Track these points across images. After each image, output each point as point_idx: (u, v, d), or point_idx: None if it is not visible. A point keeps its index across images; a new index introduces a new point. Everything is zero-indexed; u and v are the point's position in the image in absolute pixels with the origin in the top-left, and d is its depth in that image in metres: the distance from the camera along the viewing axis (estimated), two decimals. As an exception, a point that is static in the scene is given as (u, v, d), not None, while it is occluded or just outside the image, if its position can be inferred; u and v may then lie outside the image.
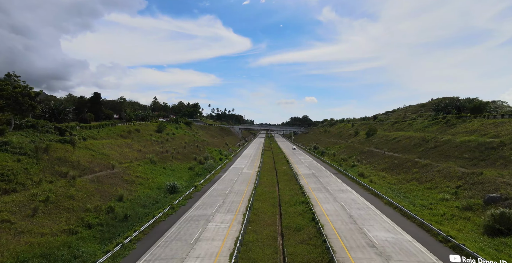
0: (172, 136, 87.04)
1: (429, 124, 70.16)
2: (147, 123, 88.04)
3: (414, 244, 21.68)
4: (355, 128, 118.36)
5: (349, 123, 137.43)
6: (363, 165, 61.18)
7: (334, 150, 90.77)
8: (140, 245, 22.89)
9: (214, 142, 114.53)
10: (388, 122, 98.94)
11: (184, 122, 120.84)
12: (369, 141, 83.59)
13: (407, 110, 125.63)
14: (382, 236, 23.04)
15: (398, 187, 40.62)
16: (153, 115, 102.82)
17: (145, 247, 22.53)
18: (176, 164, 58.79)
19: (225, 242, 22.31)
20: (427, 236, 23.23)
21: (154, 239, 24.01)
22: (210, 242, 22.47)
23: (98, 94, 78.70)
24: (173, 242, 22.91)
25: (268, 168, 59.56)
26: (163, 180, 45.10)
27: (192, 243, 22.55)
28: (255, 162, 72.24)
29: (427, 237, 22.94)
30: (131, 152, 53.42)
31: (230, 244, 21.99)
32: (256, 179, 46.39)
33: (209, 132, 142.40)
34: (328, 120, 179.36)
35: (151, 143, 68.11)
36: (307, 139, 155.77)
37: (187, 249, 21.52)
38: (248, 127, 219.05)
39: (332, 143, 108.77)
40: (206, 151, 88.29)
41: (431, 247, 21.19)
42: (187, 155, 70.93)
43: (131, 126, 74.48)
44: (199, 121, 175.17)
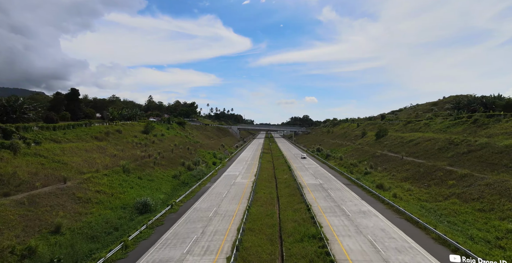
0: (160, 137, 77.65)
1: (451, 124, 60.75)
2: (133, 123, 78.67)
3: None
4: (361, 129, 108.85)
5: (354, 123, 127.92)
6: (378, 172, 51.72)
7: (341, 153, 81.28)
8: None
9: (208, 144, 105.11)
10: (399, 121, 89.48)
11: (177, 122, 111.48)
12: (380, 143, 74.11)
13: (416, 109, 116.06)
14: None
15: (433, 206, 31.16)
16: (142, 115, 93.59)
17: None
18: (158, 171, 49.34)
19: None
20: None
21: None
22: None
23: (75, 90, 69.28)
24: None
25: (266, 177, 50.13)
26: (135, 194, 35.67)
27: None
28: (251, 168, 62.74)
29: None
30: (101, 158, 44.01)
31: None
32: (251, 193, 36.92)
33: (205, 133, 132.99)
34: (331, 120, 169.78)
35: (132, 146, 58.69)
36: (309, 140, 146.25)
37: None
38: (247, 127, 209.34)
39: (337, 145, 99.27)
40: (198, 154, 78.89)
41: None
42: (174, 159, 61.46)
43: (111, 127, 65.11)
44: (196, 121, 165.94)
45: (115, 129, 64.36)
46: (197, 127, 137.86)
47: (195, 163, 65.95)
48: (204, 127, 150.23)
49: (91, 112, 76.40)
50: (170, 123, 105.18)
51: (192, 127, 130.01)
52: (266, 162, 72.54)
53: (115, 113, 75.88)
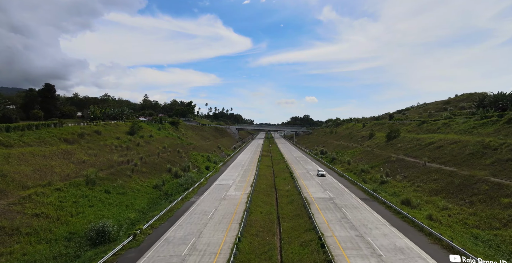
0: (148, 139, 69.26)
1: (477, 124, 52.39)
2: (118, 123, 70.29)
3: None
4: (368, 129, 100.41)
5: (359, 123, 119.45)
6: (397, 181, 43.24)
7: (348, 157, 72.81)
8: None
9: (203, 146, 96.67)
10: (410, 121, 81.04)
11: (170, 122, 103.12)
12: (392, 146, 65.65)
13: (426, 108, 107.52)
14: None
15: (491, 236, 22.72)
16: (130, 114, 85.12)
17: None
18: (135, 181, 40.91)
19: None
20: None
21: None
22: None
23: (50, 86, 60.83)
24: None
25: (264, 188, 41.47)
26: (93, 215, 27.27)
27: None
28: (248, 174, 54.19)
29: None
30: (63, 166, 35.61)
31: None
32: (245, 213, 28.44)
33: (201, 133, 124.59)
34: (334, 120, 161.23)
35: (111, 150, 50.27)
36: (311, 141, 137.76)
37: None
38: (246, 127, 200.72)
39: (343, 146, 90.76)
40: (190, 157, 70.50)
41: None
42: (159, 165, 53.03)
43: (89, 127, 56.75)
44: (192, 121, 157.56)
45: (93, 130, 55.96)
46: (193, 127, 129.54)
47: (184, 169, 57.57)
48: (201, 127, 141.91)
49: (70, 110, 68.09)
50: (162, 123, 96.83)
51: (187, 127, 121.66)
52: (265, 167, 63.97)
53: (97, 111, 67.49)
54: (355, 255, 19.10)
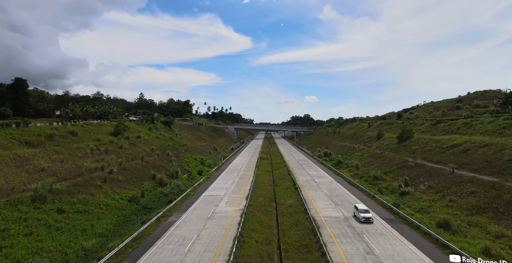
0: (134, 140, 61.93)
1: (508, 124, 45.10)
2: (101, 123, 62.94)
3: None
4: (374, 129, 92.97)
5: (364, 123, 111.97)
6: (420, 192, 35.79)
7: (355, 160, 65.42)
8: None
9: (198, 147, 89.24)
10: (423, 121, 73.64)
11: (163, 122, 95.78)
12: (406, 148, 58.23)
13: (437, 106, 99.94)
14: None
15: None
16: (118, 112, 77.53)
17: None
18: (106, 193, 33.47)
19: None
20: None
21: None
22: None
23: (21, 81, 53.28)
24: None
25: (262, 201, 33.68)
26: (27, 249, 19.83)
27: None
28: (244, 182, 46.75)
29: None
30: (10, 176, 28.26)
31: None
32: (235, 245, 21.02)
33: (197, 133, 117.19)
34: (336, 119, 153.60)
35: (84, 154, 42.86)
36: (313, 142, 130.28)
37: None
38: (245, 127, 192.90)
39: (348, 148, 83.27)
40: (181, 161, 63.08)
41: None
42: (142, 171, 45.60)
43: (64, 128, 49.49)
44: (189, 120, 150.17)
45: (67, 131, 48.64)
46: (188, 127, 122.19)
47: (172, 175, 50.17)
48: (197, 127, 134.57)
49: (46, 108, 60.59)
50: (153, 122, 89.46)
51: (182, 127, 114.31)
52: (264, 173, 56.41)
53: (76, 110, 60.00)
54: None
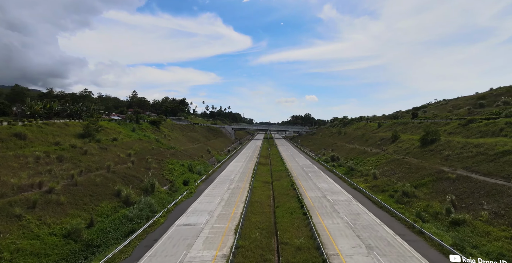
0: (108, 143, 51.19)
1: None
2: (68, 123, 52.14)
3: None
4: (386, 130, 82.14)
5: (373, 123, 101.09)
6: (483, 222, 24.92)
7: (370, 167, 54.61)
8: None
9: (189, 150, 78.40)
10: (446, 120, 62.81)
11: (150, 121, 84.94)
12: (434, 154, 47.44)
13: (456, 104, 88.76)
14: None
15: None
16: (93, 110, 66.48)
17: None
18: (26, 229, 22.59)
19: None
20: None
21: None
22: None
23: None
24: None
25: (257, 238, 21.60)
26: None
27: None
28: (235, 201, 35.54)
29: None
30: None
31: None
32: None
33: (190, 134, 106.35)
34: (341, 119, 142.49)
35: (23, 164, 32.01)
36: (316, 143, 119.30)
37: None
38: (243, 127, 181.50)
39: (358, 151, 72.35)
40: (163, 168, 52.26)
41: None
42: (102, 186, 34.70)
43: (8, 129, 38.67)
44: (183, 120, 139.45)
45: (12, 133, 37.85)
46: (181, 127, 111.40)
47: (147, 189, 39.28)
48: (192, 127, 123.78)
49: (2, 105, 49.65)
50: (138, 122, 78.64)
51: (174, 127, 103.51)
52: (262, 185, 45.20)
53: (36, 107, 49.13)
54: None
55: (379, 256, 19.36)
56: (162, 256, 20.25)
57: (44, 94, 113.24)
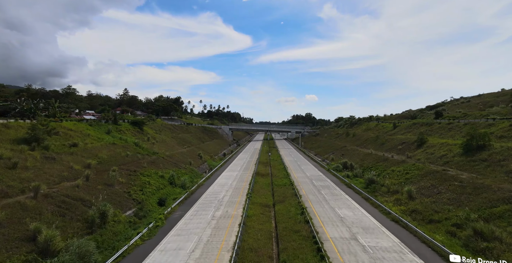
0: (63, 151, 38.63)
1: None
2: (9, 124, 39.57)
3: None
4: (405, 131, 69.48)
5: (387, 123, 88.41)
6: None
7: (398, 180, 41.96)
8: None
9: (176, 155, 65.71)
10: (488, 120, 50.27)
11: (132, 122, 72.23)
12: (491, 165, 34.88)
13: (485, 102, 76.18)
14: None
15: None
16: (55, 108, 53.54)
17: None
18: None
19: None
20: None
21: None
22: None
23: None
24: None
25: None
26: None
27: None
28: (219, 243, 23.14)
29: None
30: None
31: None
32: None
33: (182, 136, 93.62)
34: (347, 118, 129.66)
35: None
36: (322, 145, 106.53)
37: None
38: (241, 128, 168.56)
39: (376, 158, 59.58)
40: (133, 183, 39.59)
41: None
42: (14, 224, 21.93)
43: None
44: (176, 120, 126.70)
45: None
46: (172, 128, 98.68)
47: (93, 221, 26.52)
48: (185, 128, 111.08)
49: None
50: (116, 123, 66.03)
51: (163, 128, 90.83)
52: (260, 211, 31.17)
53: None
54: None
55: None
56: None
57: (21, 90, 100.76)
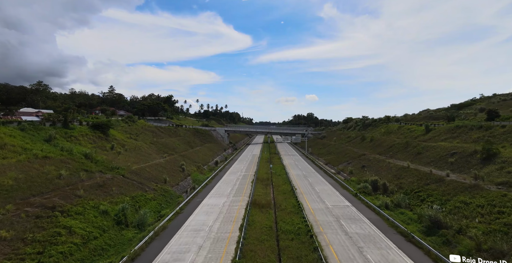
0: None
1: None
2: None
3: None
4: (449, 137, 51.51)
5: (415, 126, 70.48)
6: None
7: (489, 226, 23.92)
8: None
9: (147, 169, 47.85)
10: None
11: (93, 125, 54.45)
12: None
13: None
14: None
15: None
16: None
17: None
18: None
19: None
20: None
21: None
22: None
23: None
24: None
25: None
26: None
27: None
28: None
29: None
30: None
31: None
32: None
33: (164, 141, 75.85)
34: (359, 119, 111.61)
35: None
36: (332, 151, 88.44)
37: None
38: (239, 129, 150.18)
39: (418, 176, 41.56)
40: (33, 240, 21.90)
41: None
42: None
43: None
44: (164, 121, 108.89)
45: None
46: (156, 131, 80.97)
47: None
48: (173, 131, 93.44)
49: None
50: (67, 126, 48.55)
51: (143, 131, 73.22)
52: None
53: None
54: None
55: None
56: None
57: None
